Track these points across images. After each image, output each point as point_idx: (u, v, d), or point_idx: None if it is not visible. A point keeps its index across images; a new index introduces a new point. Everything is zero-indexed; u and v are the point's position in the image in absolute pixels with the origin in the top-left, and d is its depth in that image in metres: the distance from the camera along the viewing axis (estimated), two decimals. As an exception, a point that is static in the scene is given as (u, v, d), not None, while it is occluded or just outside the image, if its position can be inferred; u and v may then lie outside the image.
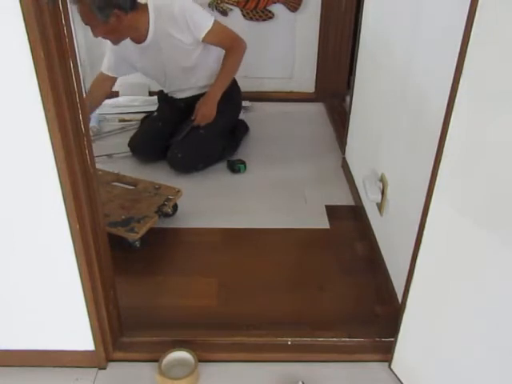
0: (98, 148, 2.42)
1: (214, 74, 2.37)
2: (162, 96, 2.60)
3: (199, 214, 2.06)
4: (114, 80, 2.42)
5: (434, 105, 1.23)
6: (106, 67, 2.38)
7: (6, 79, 0.98)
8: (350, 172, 2.31)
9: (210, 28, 2.20)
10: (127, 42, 2.21)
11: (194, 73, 2.38)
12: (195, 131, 2.35)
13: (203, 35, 2.21)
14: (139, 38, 2.20)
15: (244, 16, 3.12)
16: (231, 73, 2.38)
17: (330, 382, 1.37)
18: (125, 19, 2.05)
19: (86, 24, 2.05)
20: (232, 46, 2.31)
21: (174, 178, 2.26)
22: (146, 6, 2.14)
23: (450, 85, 0.97)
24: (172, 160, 2.34)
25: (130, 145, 2.47)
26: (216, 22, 2.22)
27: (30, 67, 0.95)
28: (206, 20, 2.20)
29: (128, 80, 3.14)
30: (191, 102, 2.41)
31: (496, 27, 0.87)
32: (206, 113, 2.33)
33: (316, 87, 3.24)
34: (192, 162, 2.35)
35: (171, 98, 2.54)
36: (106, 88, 2.42)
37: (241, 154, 2.52)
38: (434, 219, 1.10)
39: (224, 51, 2.33)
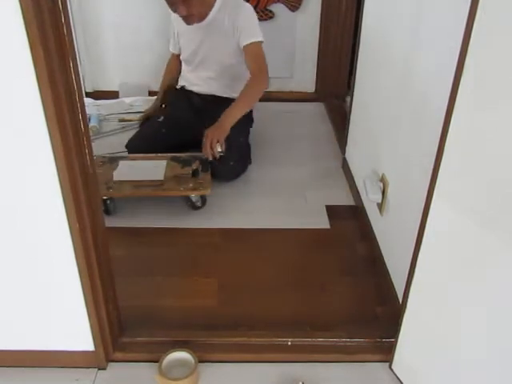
0: (98, 148, 2.41)
1: (237, 90, 2.30)
2: (174, 94, 2.55)
3: (199, 214, 2.06)
4: (179, 56, 2.58)
5: (435, 104, 1.22)
6: (172, 47, 2.60)
7: (6, 79, 0.98)
8: (350, 172, 2.31)
9: (255, 41, 2.24)
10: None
11: (225, 72, 2.41)
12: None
13: (246, 43, 2.24)
14: (200, 16, 2.28)
15: (244, 16, 3.11)
16: (249, 103, 2.29)
17: (331, 382, 1.37)
18: None
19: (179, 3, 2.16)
20: (259, 76, 2.26)
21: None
22: None
23: (450, 84, 0.97)
24: (222, 170, 2.26)
25: (128, 147, 2.39)
26: (261, 44, 2.27)
27: (30, 67, 0.95)
28: (257, 34, 2.26)
29: (128, 80, 3.16)
30: (205, 102, 2.42)
31: (497, 27, 0.86)
32: (214, 136, 2.10)
33: (316, 87, 3.24)
34: (241, 168, 2.36)
35: (188, 91, 2.52)
36: (177, 64, 2.61)
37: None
38: (435, 219, 1.10)
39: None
